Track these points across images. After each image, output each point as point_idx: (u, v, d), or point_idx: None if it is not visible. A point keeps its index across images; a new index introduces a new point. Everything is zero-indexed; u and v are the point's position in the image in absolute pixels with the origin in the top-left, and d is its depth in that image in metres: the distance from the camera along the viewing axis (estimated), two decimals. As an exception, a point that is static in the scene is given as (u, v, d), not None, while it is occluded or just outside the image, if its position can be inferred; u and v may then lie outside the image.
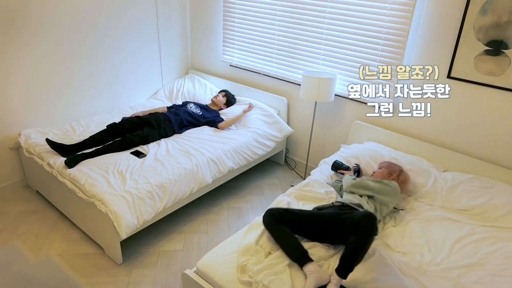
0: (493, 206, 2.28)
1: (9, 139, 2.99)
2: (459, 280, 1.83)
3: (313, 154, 3.57)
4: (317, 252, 1.87)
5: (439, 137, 2.77)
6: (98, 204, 2.28)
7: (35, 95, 3.04)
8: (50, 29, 2.97)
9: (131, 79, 3.72)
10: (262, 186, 3.40)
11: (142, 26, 3.62)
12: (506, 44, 2.31)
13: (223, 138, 3.07)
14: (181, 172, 2.60)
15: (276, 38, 3.43)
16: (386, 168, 2.47)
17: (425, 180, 2.51)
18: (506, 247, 2.04)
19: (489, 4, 2.31)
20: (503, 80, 2.38)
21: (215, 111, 3.46)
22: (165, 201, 2.49)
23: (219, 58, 4.00)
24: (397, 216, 2.30)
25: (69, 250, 2.52)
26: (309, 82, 2.93)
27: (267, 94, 3.60)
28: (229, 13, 3.69)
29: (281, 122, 3.39)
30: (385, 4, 2.72)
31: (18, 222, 2.76)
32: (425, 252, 2.01)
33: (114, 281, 2.30)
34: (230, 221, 2.90)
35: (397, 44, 2.73)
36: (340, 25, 3.00)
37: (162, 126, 3.03)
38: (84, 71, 3.30)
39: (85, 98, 3.39)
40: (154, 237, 2.68)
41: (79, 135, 3.02)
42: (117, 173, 2.51)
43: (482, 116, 2.55)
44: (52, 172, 2.60)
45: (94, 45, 3.30)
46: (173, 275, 2.36)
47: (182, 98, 3.83)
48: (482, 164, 2.55)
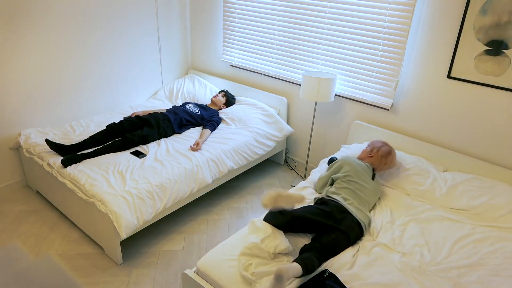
0: (493, 206, 2.28)
1: (9, 139, 2.99)
2: (459, 280, 1.83)
3: (313, 154, 3.57)
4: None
5: (439, 137, 2.77)
6: (98, 204, 2.28)
7: (35, 95, 3.04)
8: (50, 29, 2.97)
9: (131, 79, 3.72)
10: (262, 186, 3.40)
11: (142, 26, 3.62)
12: (506, 44, 2.31)
13: (223, 138, 3.07)
14: (181, 172, 2.60)
15: (276, 38, 3.44)
16: (369, 145, 2.56)
17: (425, 180, 2.52)
18: (506, 247, 2.04)
19: (489, 4, 2.31)
20: (503, 80, 2.38)
21: (214, 111, 3.45)
22: (165, 201, 2.49)
23: (219, 58, 4.00)
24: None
25: (69, 250, 2.52)
26: (309, 82, 2.93)
27: (267, 94, 3.60)
28: (229, 13, 3.69)
29: (281, 122, 3.39)
30: (385, 4, 2.72)
31: (18, 222, 2.76)
32: (425, 252, 2.01)
33: (114, 281, 2.30)
34: (230, 221, 2.90)
35: (397, 44, 2.73)
36: (340, 25, 3.00)
37: (162, 126, 3.03)
38: (84, 71, 3.30)
39: (85, 98, 3.39)
40: (154, 237, 2.68)
41: (79, 135, 3.02)
42: (117, 173, 2.51)
43: (482, 116, 2.55)
44: (52, 172, 2.60)
45: (94, 45, 3.30)
46: (173, 275, 2.36)
47: (182, 98, 3.84)
48: (482, 164, 2.55)
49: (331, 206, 2.09)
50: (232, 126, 3.30)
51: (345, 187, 2.25)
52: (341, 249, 1.96)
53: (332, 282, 1.69)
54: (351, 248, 2.00)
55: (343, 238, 1.97)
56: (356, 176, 2.31)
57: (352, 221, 2.05)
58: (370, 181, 2.34)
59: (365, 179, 2.33)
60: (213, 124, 3.21)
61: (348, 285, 1.74)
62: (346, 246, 1.99)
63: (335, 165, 2.44)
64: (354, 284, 1.74)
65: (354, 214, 2.08)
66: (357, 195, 2.23)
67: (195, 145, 2.84)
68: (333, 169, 2.43)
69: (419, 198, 2.48)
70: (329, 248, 1.90)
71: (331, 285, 1.67)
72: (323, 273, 1.77)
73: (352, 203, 2.16)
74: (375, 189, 2.36)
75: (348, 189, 2.24)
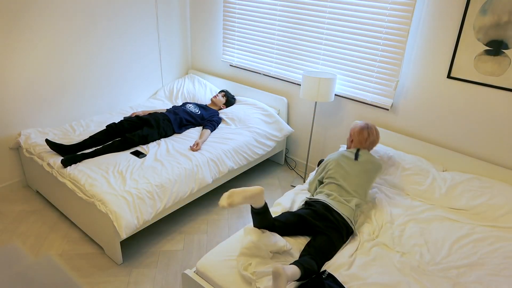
0: (492, 206, 2.29)
1: (9, 139, 2.99)
2: (458, 280, 1.83)
3: (313, 154, 3.57)
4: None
5: (439, 137, 2.78)
6: (98, 204, 2.28)
7: (35, 95, 3.05)
8: (50, 29, 2.98)
9: (131, 79, 3.72)
10: (262, 186, 3.40)
11: (142, 26, 3.62)
12: (506, 44, 2.31)
13: (223, 138, 3.07)
14: (181, 172, 2.60)
15: (276, 38, 3.44)
16: (349, 132, 2.60)
17: (425, 180, 2.52)
18: (505, 247, 2.04)
19: (489, 4, 2.31)
20: (503, 80, 2.38)
21: (214, 111, 3.46)
22: (165, 201, 2.50)
23: (219, 58, 4.00)
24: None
25: (69, 250, 2.52)
26: (309, 82, 2.93)
27: (267, 94, 3.60)
28: (229, 13, 3.69)
29: (281, 122, 3.39)
30: (385, 4, 2.72)
31: (18, 222, 2.76)
32: (424, 251, 2.01)
33: (114, 281, 2.30)
34: (230, 221, 2.91)
35: (397, 44, 2.73)
36: (340, 25, 3.00)
37: (162, 126, 3.03)
38: (84, 71, 3.30)
39: (85, 98, 3.39)
40: (154, 237, 2.68)
41: (79, 135, 3.02)
42: (117, 173, 2.51)
43: (482, 116, 2.55)
44: (52, 172, 2.60)
45: (94, 45, 3.30)
46: (173, 275, 2.37)
47: (182, 98, 3.84)
48: (482, 164, 2.55)
49: (315, 205, 2.13)
50: (232, 126, 3.30)
51: (329, 182, 2.29)
52: (336, 247, 1.98)
53: (330, 282, 1.69)
54: (350, 248, 2.00)
55: (336, 236, 2.00)
56: (338, 167, 2.33)
57: (338, 216, 2.08)
58: (353, 165, 2.34)
59: (347, 165, 2.33)
60: (213, 124, 3.21)
61: (347, 285, 1.74)
62: (341, 243, 2.02)
63: (321, 167, 2.47)
64: (353, 284, 1.75)
65: (337, 209, 2.10)
66: (340, 187, 2.24)
67: (195, 146, 2.84)
68: (319, 171, 2.47)
69: (418, 198, 2.48)
70: (323, 249, 1.91)
71: (330, 285, 1.67)
72: (322, 273, 1.77)
73: (334, 198, 2.19)
74: (362, 168, 2.34)
75: (332, 183, 2.28)
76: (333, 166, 2.35)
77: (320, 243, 1.94)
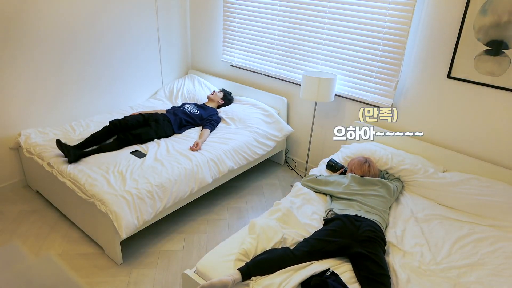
0: (493, 206, 2.28)
1: (9, 139, 2.99)
2: (459, 280, 1.83)
3: (313, 154, 3.57)
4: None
5: (439, 137, 2.77)
6: (98, 204, 2.28)
7: (35, 95, 3.04)
8: (50, 29, 2.97)
9: (131, 79, 3.72)
10: (262, 186, 3.40)
11: (142, 26, 3.62)
12: (506, 44, 2.31)
13: (223, 138, 3.07)
14: (181, 172, 2.60)
15: (276, 38, 3.43)
16: (348, 166, 2.61)
17: (425, 180, 2.51)
18: (506, 247, 2.04)
19: (489, 4, 2.31)
20: (503, 80, 2.38)
21: (213, 109, 3.45)
22: (165, 201, 2.49)
23: (219, 58, 4.00)
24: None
25: (69, 250, 2.52)
26: (309, 82, 2.93)
27: (267, 94, 3.60)
28: (229, 13, 3.69)
29: (281, 122, 3.39)
30: (385, 4, 2.71)
31: (18, 222, 2.76)
32: (425, 251, 2.00)
33: (114, 281, 2.30)
34: (230, 221, 2.90)
35: (397, 44, 2.73)
36: (340, 25, 3.00)
37: (161, 126, 3.03)
38: (84, 71, 3.30)
39: (85, 98, 3.39)
40: (154, 237, 2.68)
41: (79, 135, 3.02)
42: (117, 173, 2.51)
43: (482, 116, 2.55)
44: (52, 172, 2.60)
45: (94, 45, 3.30)
46: (173, 275, 2.36)
47: (182, 98, 3.84)
48: (482, 164, 2.55)
49: (341, 220, 2.00)
50: (232, 126, 3.30)
51: (343, 198, 2.25)
52: (385, 261, 1.86)
53: (333, 281, 1.69)
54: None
55: (381, 248, 1.90)
56: (347, 189, 2.30)
57: (371, 224, 1.98)
58: (363, 184, 2.34)
59: (357, 185, 2.33)
60: (212, 123, 3.21)
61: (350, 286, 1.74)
62: (384, 252, 1.92)
63: (335, 182, 2.40)
64: (355, 286, 1.74)
65: (367, 217, 2.05)
66: (359, 203, 2.19)
67: (195, 146, 2.84)
68: (327, 182, 2.43)
69: (418, 197, 2.48)
70: (380, 270, 1.76)
71: (333, 284, 1.67)
72: (325, 272, 1.77)
73: (360, 208, 2.13)
74: (373, 188, 2.33)
75: (347, 200, 2.23)
76: (343, 187, 2.31)
77: (375, 266, 1.76)
